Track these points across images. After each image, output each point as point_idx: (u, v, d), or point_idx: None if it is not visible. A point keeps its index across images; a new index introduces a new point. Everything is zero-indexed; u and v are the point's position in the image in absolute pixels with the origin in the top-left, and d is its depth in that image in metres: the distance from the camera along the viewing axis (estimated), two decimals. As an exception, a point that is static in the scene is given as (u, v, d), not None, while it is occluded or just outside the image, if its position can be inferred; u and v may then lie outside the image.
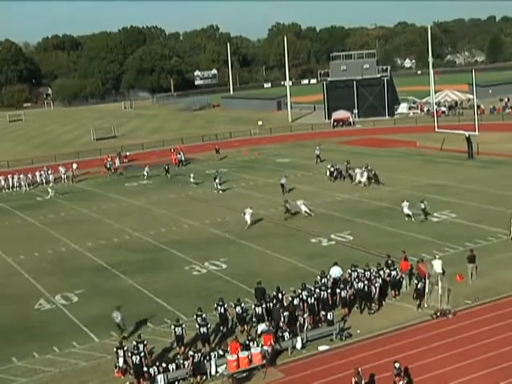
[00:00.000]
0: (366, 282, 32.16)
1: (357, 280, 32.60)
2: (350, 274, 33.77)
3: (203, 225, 50.86)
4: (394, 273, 33.47)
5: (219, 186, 61.48)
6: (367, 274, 33.14)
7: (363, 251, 40.24)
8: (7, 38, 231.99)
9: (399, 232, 44.57)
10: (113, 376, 27.30)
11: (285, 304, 31.23)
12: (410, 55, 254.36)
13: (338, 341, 29.25)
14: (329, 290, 31.79)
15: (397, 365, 23.80)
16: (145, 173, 71.38)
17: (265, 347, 27.36)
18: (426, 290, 32.60)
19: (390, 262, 34.72)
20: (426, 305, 32.08)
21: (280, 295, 31.77)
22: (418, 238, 42.79)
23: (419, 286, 31.97)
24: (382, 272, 33.44)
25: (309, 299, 31.07)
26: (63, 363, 29.08)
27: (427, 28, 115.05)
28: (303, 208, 50.14)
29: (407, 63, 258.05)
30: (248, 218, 47.66)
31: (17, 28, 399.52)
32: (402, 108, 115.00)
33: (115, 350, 27.37)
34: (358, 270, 33.78)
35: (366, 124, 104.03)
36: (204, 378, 26.75)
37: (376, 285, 32.29)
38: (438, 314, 30.90)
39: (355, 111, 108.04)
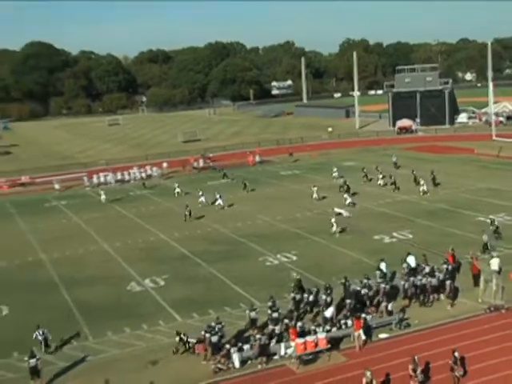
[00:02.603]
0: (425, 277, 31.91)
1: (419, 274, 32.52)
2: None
3: (275, 221, 50.90)
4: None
5: (221, 203, 57.08)
6: (427, 269, 32.86)
7: (423, 249, 39.46)
8: (109, 53, 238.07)
9: (456, 232, 43.62)
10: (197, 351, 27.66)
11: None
12: (470, 69, 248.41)
13: (397, 330, 28.97)
14: (391, 283, 31.78)
15: (456, 354, 23.64)
16: (201, 199, 58.17)
17: (355, 332, 27.38)
18: (481, 286, 31.96)
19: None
20: (480, 300, 31.43)
21: (347, 284, 32.02)
22: (474, 238, 41.66)
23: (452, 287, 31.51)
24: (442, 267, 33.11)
25: (369, 291, 31.25)
26: (150, 339, 29.65)
27: (487, 44, 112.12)
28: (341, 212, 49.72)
29: (468, 76, 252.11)
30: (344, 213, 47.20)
31: (118, 43, 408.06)
32: (462, 117, 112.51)
33: (203, 332, 27.58)
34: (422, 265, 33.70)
35: (427, 132, 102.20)
36: (271, 358, 26.94)
37: (429, 279, 31.83)
38: (492, 308, 30.22)
39: (418, 120, 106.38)
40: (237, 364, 26.59)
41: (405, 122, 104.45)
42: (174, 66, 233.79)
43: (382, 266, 34.11)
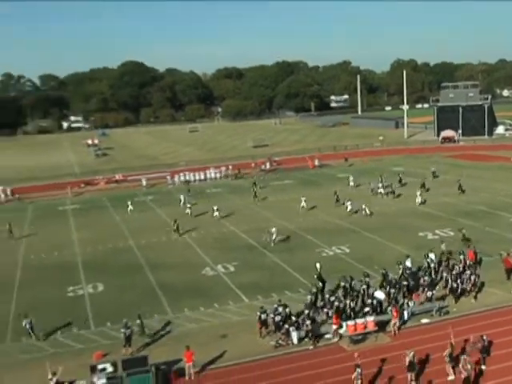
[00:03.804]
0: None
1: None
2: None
3: (332, 217, 50.58)
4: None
5: (188, 205, 55.46)
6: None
7: (462, 245, 38.60)
8: (191, 70, 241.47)
9: (493, 231, 42.56)
10: (256, 329, 27.78)
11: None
12: (508, 86, 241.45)
13: (437, 316, 28.55)
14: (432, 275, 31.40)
15: (484, 337, 23.56)
16: (187, 211, 54.83)
17: (393, 321, 27.07)
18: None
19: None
20: (514, 292, 30.70)
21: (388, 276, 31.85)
22: (509, 236, 40.64)
23: (454, 285, 30.38)
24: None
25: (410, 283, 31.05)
26: (220, 316, 29.98)
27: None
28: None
29: (505, 93, 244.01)
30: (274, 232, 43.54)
31: (198, 61, 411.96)
32: (500, 129, 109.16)
33: (258, 314, 27.79)
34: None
35: (468, 141, 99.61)
36: (323, 337, 26.94)
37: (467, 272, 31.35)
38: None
39: (459, 131, 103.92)
40: (295, 341, 26.68)
41: (448, 133, 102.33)
42: (246, 82, 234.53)
43: (408, 262, 33.60)
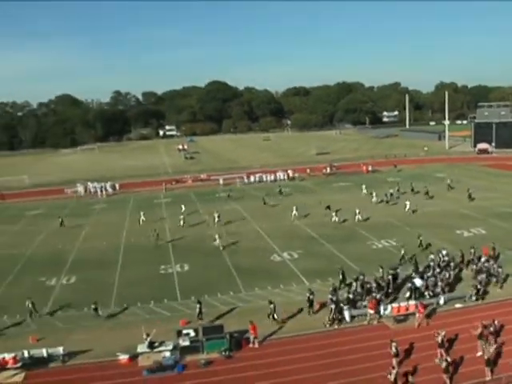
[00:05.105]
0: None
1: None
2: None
3: (381, 215, 49.50)
4: None
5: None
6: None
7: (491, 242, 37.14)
8: (265, 88, 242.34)
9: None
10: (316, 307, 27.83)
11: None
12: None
13: (469, 302, 27.86)
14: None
15: (496, 322, 23.50)
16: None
17: (417, 314, 26.16)
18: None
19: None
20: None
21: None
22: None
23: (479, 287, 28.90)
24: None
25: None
26: (285, 296, 30.06)
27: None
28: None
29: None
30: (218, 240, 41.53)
31: (272, 80, 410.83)
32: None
33: (330, 297, 27.60)
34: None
35: (500, 153, 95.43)
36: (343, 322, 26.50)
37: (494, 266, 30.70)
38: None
39: (493, 144, 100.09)
40: (347, 318, 26.49)
41: (483, 145, 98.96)
42: (311, 98, 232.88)
43: (431, 256, 33.00)
